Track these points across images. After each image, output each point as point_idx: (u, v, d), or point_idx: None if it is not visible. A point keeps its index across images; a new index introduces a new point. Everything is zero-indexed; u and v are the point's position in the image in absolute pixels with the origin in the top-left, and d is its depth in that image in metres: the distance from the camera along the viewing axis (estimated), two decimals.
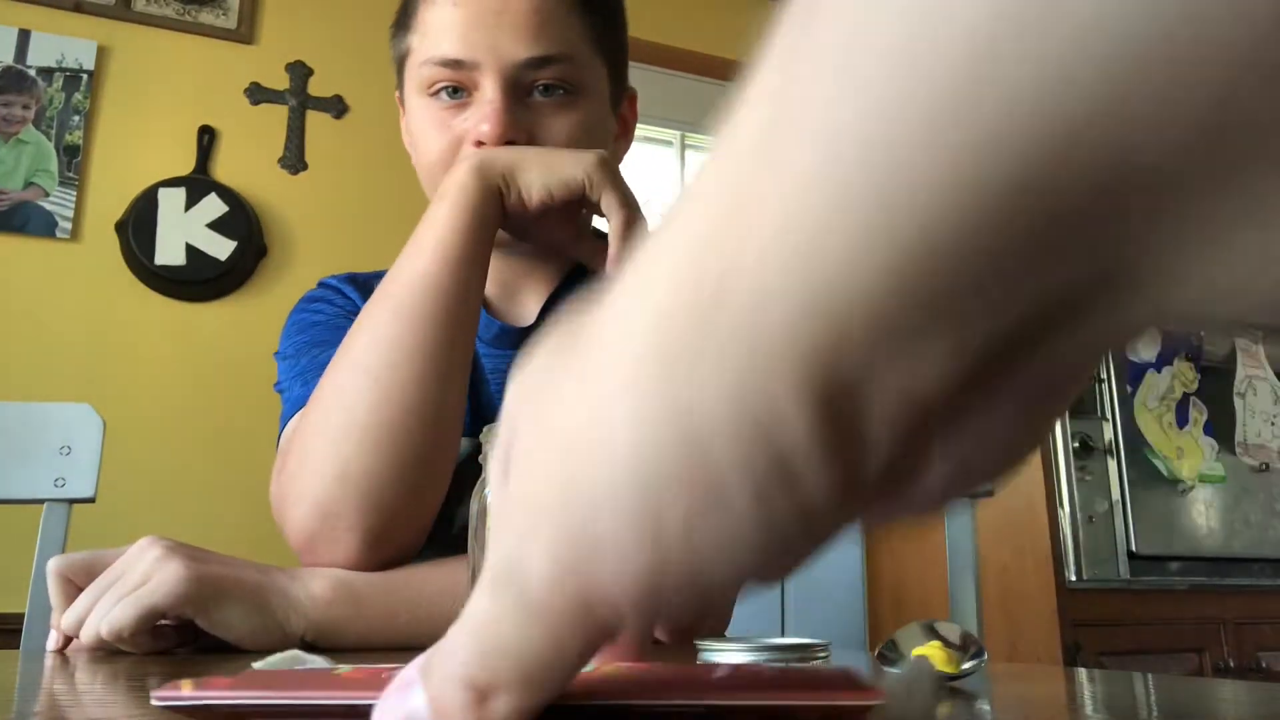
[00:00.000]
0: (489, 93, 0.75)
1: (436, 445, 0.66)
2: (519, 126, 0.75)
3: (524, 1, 0.76)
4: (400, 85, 0.85)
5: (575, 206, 0.71)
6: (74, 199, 2.18)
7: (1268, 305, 0.13)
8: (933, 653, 0.39)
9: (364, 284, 0.89)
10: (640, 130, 3.20)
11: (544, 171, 0.70)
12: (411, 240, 0.69)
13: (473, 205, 0.68)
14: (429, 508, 0.68)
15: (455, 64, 0.75)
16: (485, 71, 0.75)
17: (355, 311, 0.79)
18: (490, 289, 0.86)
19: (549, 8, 0.77)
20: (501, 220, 0.71)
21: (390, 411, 0.64)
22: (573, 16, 0.78)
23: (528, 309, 0.86)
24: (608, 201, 0.70)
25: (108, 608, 0.55)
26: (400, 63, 0.84)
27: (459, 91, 0.77)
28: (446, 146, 0.77)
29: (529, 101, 0.77)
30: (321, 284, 0.90)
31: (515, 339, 0.84)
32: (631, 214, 0.70)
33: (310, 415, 0.67)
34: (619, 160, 0.88)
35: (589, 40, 0.80)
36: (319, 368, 0.72)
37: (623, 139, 0.89)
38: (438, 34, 0.76)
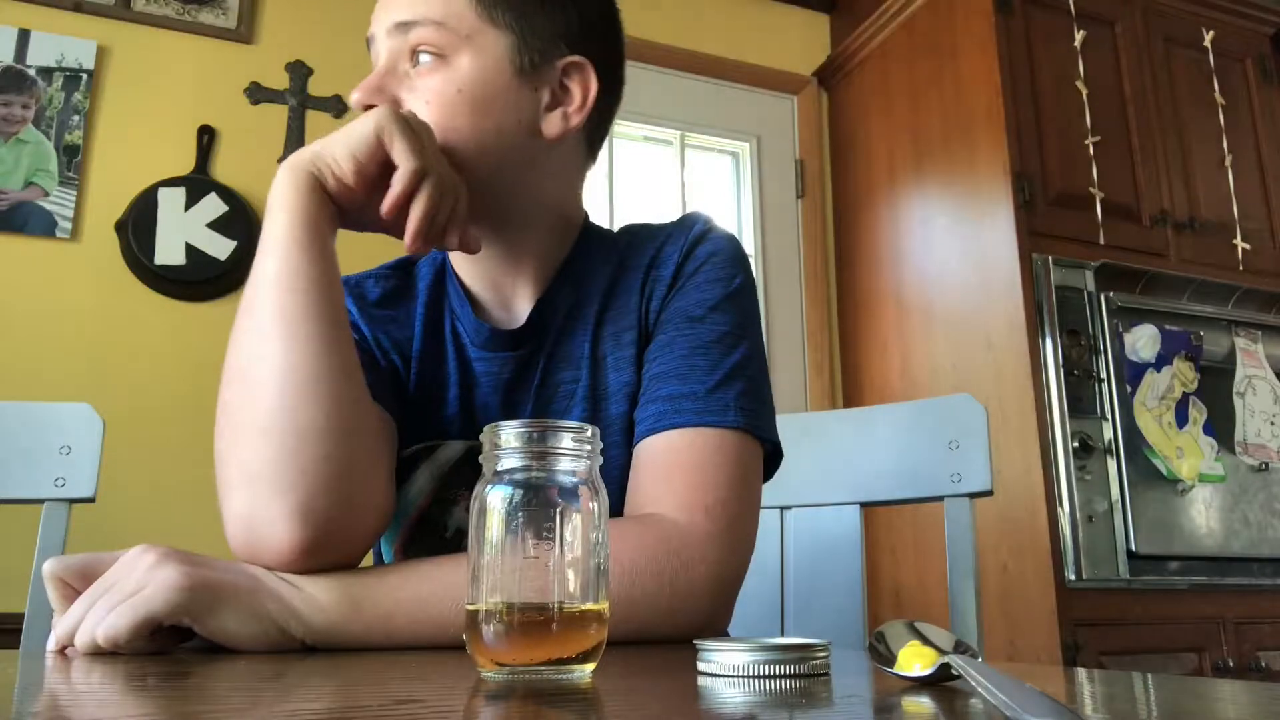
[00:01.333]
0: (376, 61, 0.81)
1: (338, 425, 0.65)
2: (382, 92, 0.78)
3: None
4: None
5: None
6: (74, 199, 2.18)
7: None
8: (914, 652, 0.39)
9: (355, 286, 0.89)
10: (641, 129, 3.19)
11: (344, 140, 0.71)
12: (259, 245, 0.70)
13: (293, 203, 0.69)
14: (361, 494, 0.67)
15: (369, 40, 0.82)
16: (379, 42, 0.81)
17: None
18: (480, 292, 0.86)
19: None
20: (336, 211, 0.71)
21: (270, 407, 0.64)
22: None
23: (518, 310, 0.86)
24: (396, 151, 0.70)
25: (102, 615, 0.54)
26: None
27: None
28: None
29: (404, 69, 0.80)
30: None
31: (505, 341, 0.84)
32: (416, 164, 0.69)
33: (217, 433, 0.67)
34: (570, 128, 0.83)
35: (477, 9, 0.80)
36: None
37: (560, 110, 0.83)
38: None
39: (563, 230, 0.88)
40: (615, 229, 0.95)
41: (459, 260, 0.88)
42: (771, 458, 0.82)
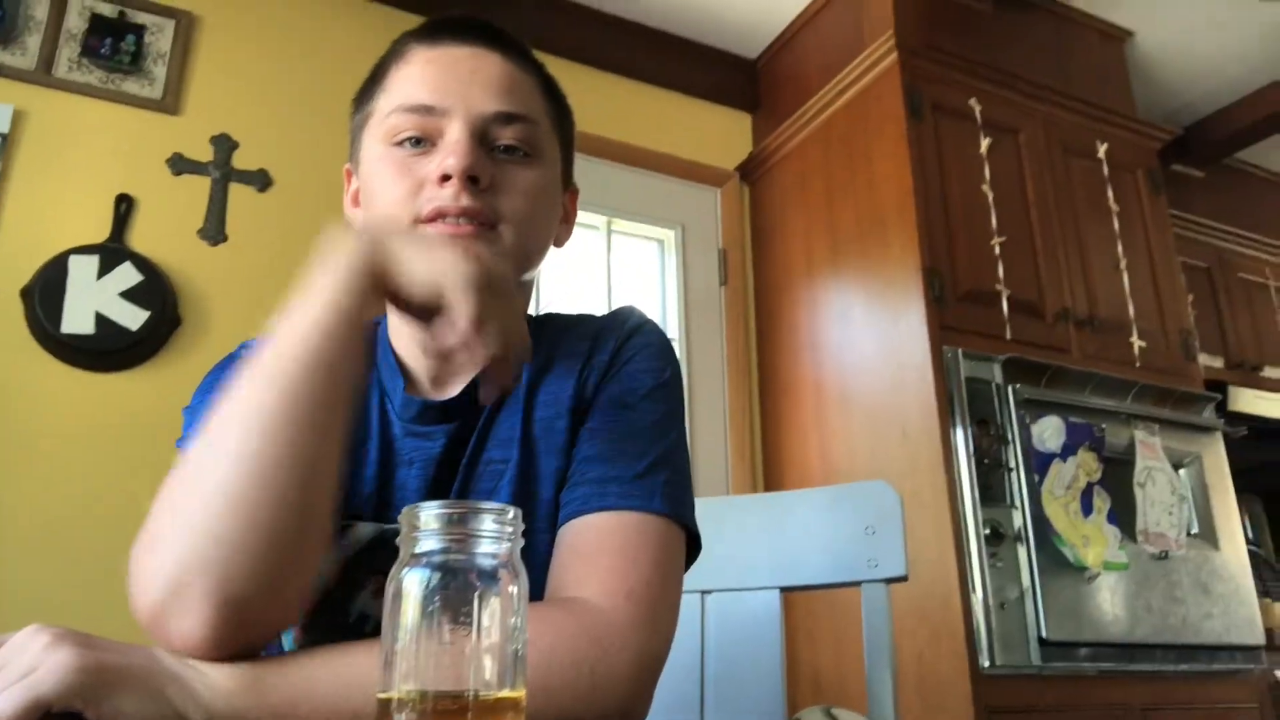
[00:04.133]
0: (455, 134, 0.79)
1: (300, 524, 0.62)
2: (483, 167, 0.78)
3: (496, 67, 0.83)
4: (354, 154, 0.88)
5: None
6: None
7: None
8: None
9: None
10: (578, 215, 3.23)
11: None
12: (291, 306, 0.67)
13: (354, 274, 0.66)
14: (290, 590, 0.63)
15: (425, 110, 0.80)
16: (453, 118, 0.79)
17: None
18: (418, 368, 0.85)
19: (518, 77, 0.84)
20: (384, 297, 0.68)
21: (249, 484, 0.60)
22: (537, 93, 0.86)
23: (453, 387, 0.84)
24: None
25: None
26: (360, 127, 0.86)
27: (422, 142, 0.80)
28: (407, 190, 0.78)
29: (492, 156, 0.80)
30: (246, 346, 0.87)
31: (438, 415, 0.82)
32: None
33: (167, 488, 0.63)
34: (561, 244, 0.93)
35: (549, 118, 0.87)
36: None
37: (566, 225, 0.94)
38: (410, 85, 0.82)
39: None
40: (539, 314, 0.96)
41: (400, 336, 0.86)
42: (691, 548, 0.83)
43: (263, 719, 0.57)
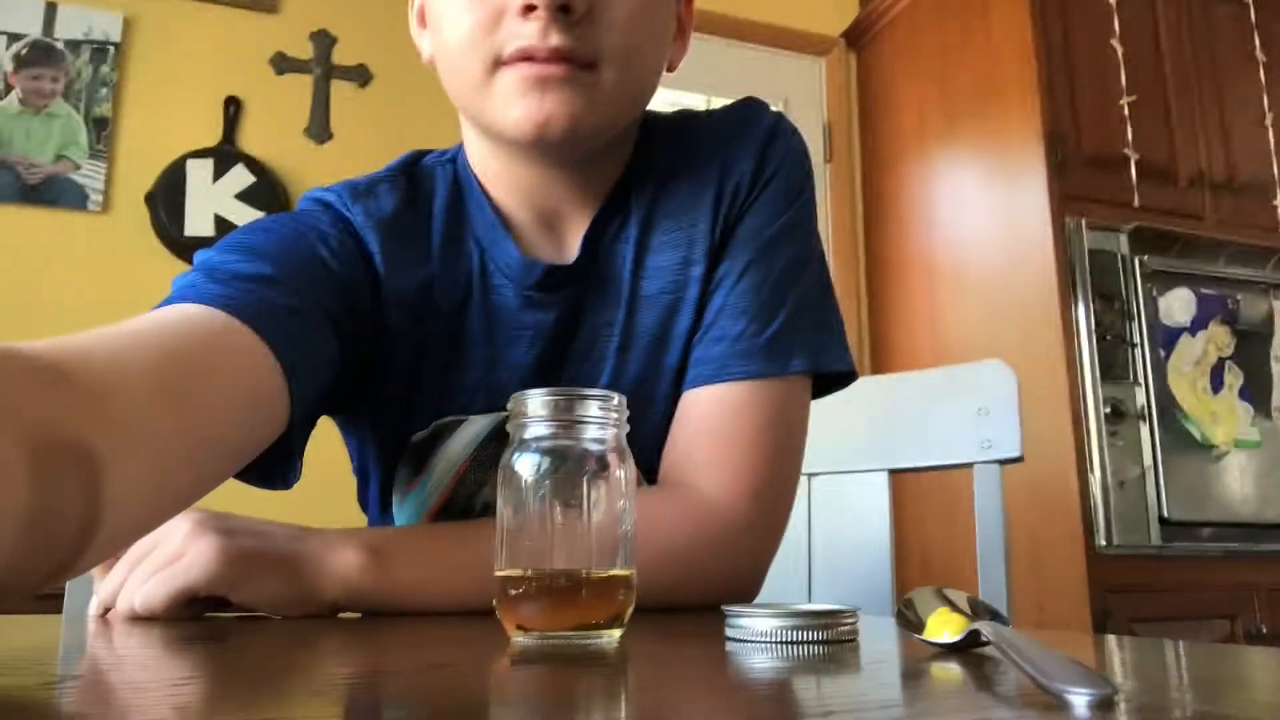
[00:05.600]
0: None
1: None
2: None
3: None
4: None
5: None
6: (104, 171, 2.21)
7: None
8: (943, 618, 0.39)
9: (363, 192, 0.73)
10: (666, 94, 3.15)
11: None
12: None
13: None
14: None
15: None
16: None
17: (341, 239, 0.68)
18: (523, 219, 0.74)
19: None
20: None
21: None
22: None
23: (568, 241, 0.75)
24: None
25: (139, 583, 0.55)
26: None
27: None
28: (482, 22, 0.64)
29: None
30: (316, 199, 0.73)
31: (561, 280, 0.72)
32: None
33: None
34: (675, 66, 0.76)
35: None
36: (226, 272, 0.61)
37: (680, 41, 0.77)
38: None
39: (629, 141, 0.75)
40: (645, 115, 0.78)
41: (494, 178, 0.73)
42: (843, 375, 0.76)
43: (388, 597, 0.60)
